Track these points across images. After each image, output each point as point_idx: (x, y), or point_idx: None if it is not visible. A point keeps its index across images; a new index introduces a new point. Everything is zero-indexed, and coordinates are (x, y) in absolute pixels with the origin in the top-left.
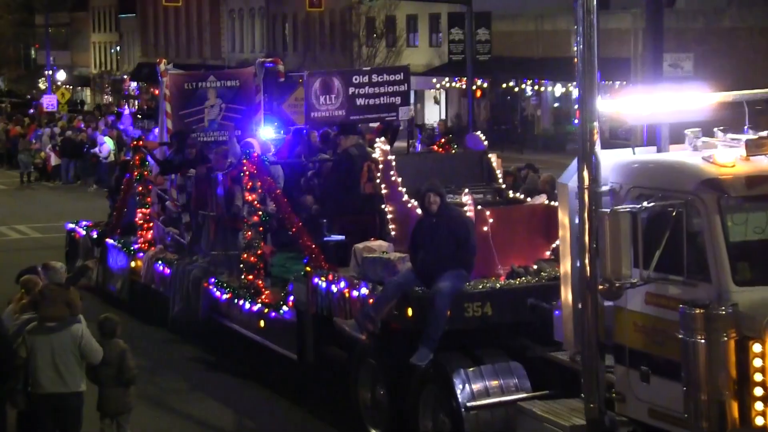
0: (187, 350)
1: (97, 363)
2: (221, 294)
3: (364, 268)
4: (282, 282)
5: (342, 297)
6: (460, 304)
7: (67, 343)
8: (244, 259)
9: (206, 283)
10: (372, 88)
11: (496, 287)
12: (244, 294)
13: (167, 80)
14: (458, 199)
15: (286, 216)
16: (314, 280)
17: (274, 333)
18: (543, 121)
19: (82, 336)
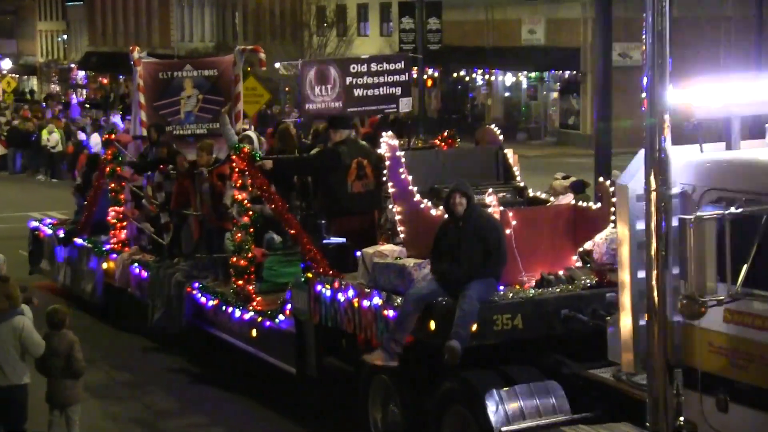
0: (170, 361)
1: (38, 356)
2: (207, 300)
3: (376, 275)
4: (274, 287)
5: (350, 307)
6: (489, 316)
7: (7, 335)
8: (233, 262)
9: (190, 288)
10: (371, 77)
11: (527, 297)
12: (233, 300)
13: (141, 69)
14: (481, 199)
15: (283, 217)
16: (317, 288)
17: (268, 343)
18: (494, 110)
19: (23, 328)
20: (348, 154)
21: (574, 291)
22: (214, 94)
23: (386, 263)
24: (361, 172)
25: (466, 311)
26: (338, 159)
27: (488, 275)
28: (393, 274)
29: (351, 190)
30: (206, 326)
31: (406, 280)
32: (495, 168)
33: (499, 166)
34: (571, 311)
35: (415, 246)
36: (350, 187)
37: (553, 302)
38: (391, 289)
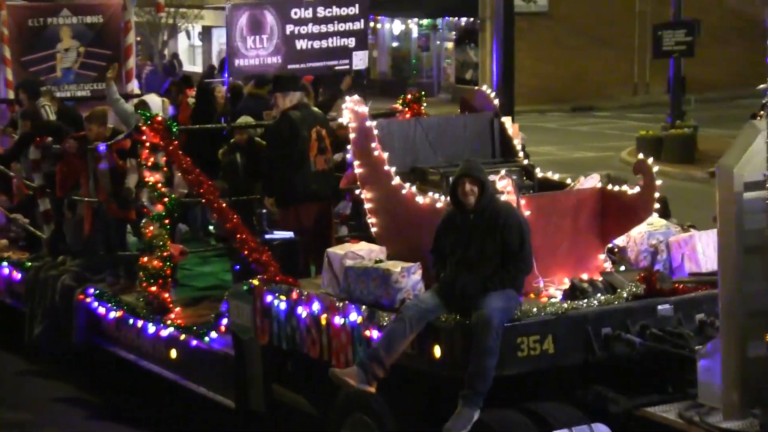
0: (56, 388)
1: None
2: (107, 311)
3: (350, 283)
4: (192, 294)
5: (315, 324)
6: (512, 339)
7: None
8: (143, 263)
9: (82, 295)
10: (318, 26)
11: (559, 313)
12: (143, 312)
13: (4, 14)
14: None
15: (215, 205)
16: (266, 299)
17: (194, 368)
18: (380, 64)
19: None
20: (304, 122)
21: (617, 303)
22: (99, 47)
23: (364, 268)
24: (321, 145)
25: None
26: (296, 129)
27: (508, 286)
28: (373, 282)
29: (315, 168)
30: (106, 344)
31: (391, 290)
32: (490, 141)
33: (495, 138)
34: (616, 330)
35: (391, 243)
36: (314, 164)
37: (592, 318)
38: (371, 301)
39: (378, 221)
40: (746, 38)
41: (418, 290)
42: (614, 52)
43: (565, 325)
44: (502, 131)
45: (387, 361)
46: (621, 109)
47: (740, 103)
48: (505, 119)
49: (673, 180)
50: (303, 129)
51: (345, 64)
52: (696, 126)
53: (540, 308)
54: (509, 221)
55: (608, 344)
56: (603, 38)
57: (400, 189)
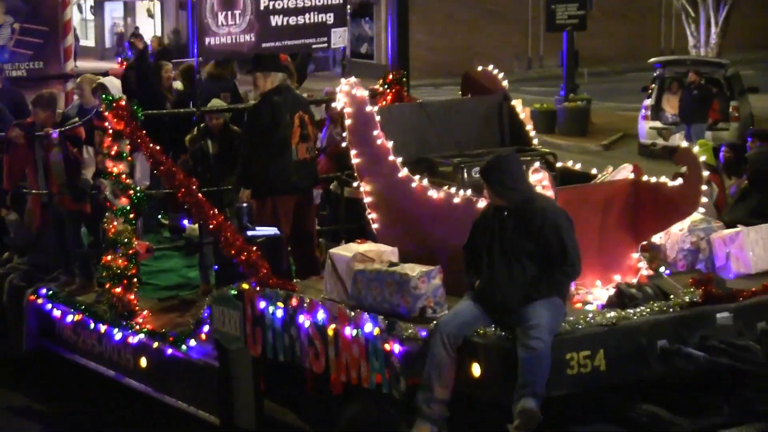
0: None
1: None
2: (63, 313)
3: (360, 289)
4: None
5: (320, 335)
6: (561, 355)
7: None
8: (106, 262)
9: (33, 296)
10: (294, 0)
11: (611, 324)
12: (107, 315)
13: None
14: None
15: (191, 197)
16: (259, 305)
17: (168, 379)
18: None
19: None
20: (286, 106)
21: (672, 311)
22: (35, 23)
23: (376, 272)
24: (304, 132)
25: (535, 352)
26: (278, 113)
27: (553, 294)
28: (388, 288)
29: (297, 157)
30: (61, 350)
31: (410, 297)
32: (499, 126)
33: (504, 123)
34: (673, 342)
35: (397, 242)
36: (295, 153)
37: (646, 330)
38: (386, 309)
39: (380, 217)
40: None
41: (438, 297)
42: (508, 26)
43: (617, 337)
44: (512, 115)
45: (447, 395)
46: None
47: (631, 76)
48: (516, 102)
49: (568, 153)
50: (285, 114)
51: (323, 42)
52: (589, 99)
53: (588, 320)
54: (548, 219)
55: (665, 359)
56: (496, 12)
57: (408, 182)
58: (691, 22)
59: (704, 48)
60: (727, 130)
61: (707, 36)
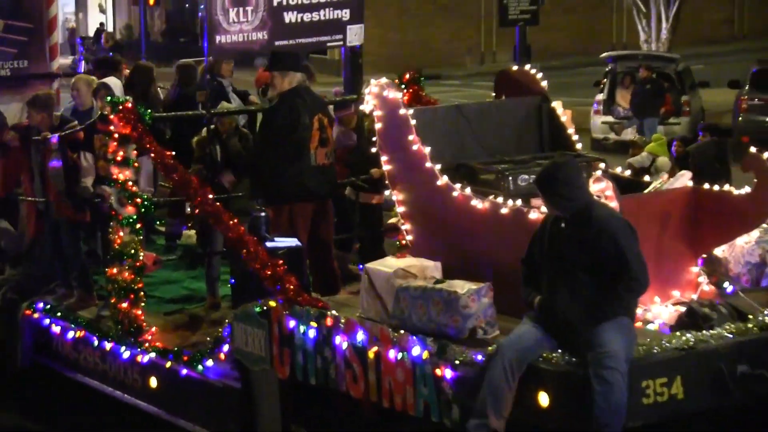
0: None
1: None
2: (64, 330)
3: (403, 307)
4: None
5: (359, 358)
6: (637, 382)
7: None
8: (111, 275)
9: (29, 310)
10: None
11: (688, 347)
12: (111, 331)
13: None
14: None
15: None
16: (288, 324)
17: (181, 401)
18: None
19: None
20: (305, 108)
21: (753, 333)
22: (19, 20)
23: (422, 289)
24: (323, 135)
25: (611, 387)
26: (296, 115)
27: (620, 313)
28: (435, 307)
29: (315, 162)
30: (60, 367)
31: (459, 317)
32: (538, 129)
33: (543, 126)
34: (755, 367)
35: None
36: (313, 158)
37: (726, 353)
38: (432, 330)
39: (416, 228)
40: (588, 7)
41: (489, 316)
42: (461, 21)
43: (694, 362)
44: (552, 118)
45: (502, 426)
46: (468, 77)
47: (583, 71)
48: (556, 104)
49: None
50: (304, 115)
51: (338, 40)
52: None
53: (662, 343)
54: (608, 230)
55: (746, 385)
56: (449, 6)
57: (448, 191)
58: (642, 18)
59: (655, 43)
60: (678, 124)
61: (658, 31)
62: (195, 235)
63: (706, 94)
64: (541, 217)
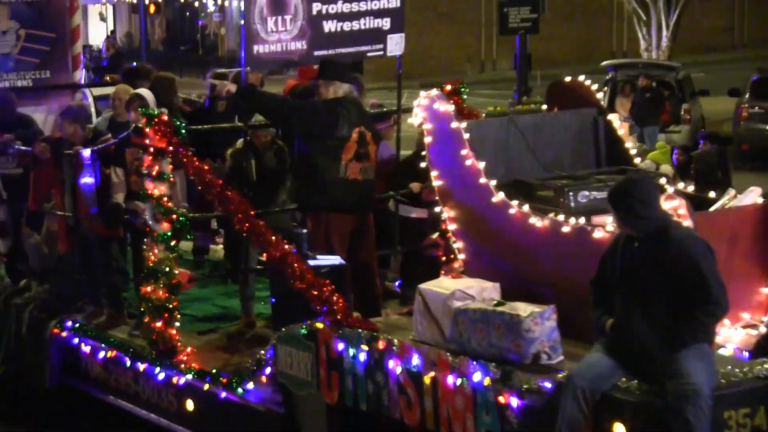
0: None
1: None
2: (95, 350)
3: (461, 331)
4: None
5: (414, 384)
6: (718, 414)
7: None
8: (145, 293)
9: (57, 329)
10: (348, 3)
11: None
12: (144, 352)
13: None
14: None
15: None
16: (337, 347)
17: (220, 425)
18: (228, 41)
19: None
20: (347, 119)
21: None
22: (41, 29)
23: (481, 312)
24: (361, 150)
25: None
26: (334, 121)
27: (701, 340)
28: (496, 330)
29: (344, 175)
30: (90, 388)
31: (522, 342)
32: (594, 144)
33: (600, 140)
34: None
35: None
36: (344, 170)
37: None
38: (493, 355)
39: (468, 247)
40: (589, 15)
41: (553, 340)
42: (461, 29)
43: None
44: (608, 132)
45: None
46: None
47: None
48: (612, 116)
49: None
50: (343, 125)
51: (378, 50)
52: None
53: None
54: (686, 250)
55: None
56: (450, 14)
57: (504, 208)
58: (642, 26)
59: (656, 51)
60: (678, 132)
61: (658, 39)
62: (222, 249)
63: (706, 103)
64: (607, 236)
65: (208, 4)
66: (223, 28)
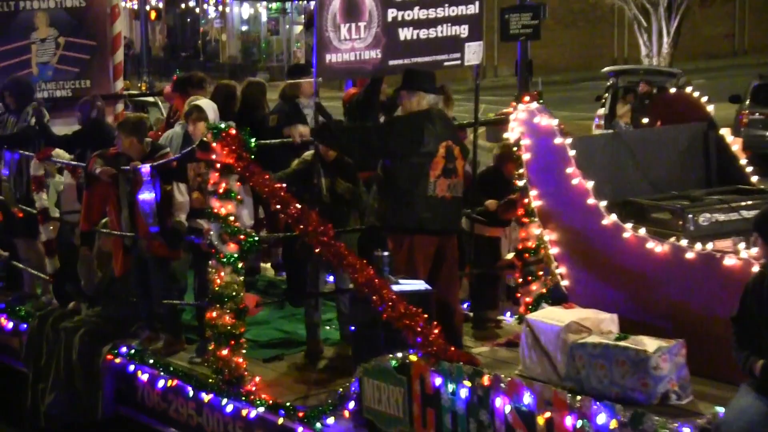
0: None
1: None
2: (153, 378)
3: (579, 366)
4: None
5: (526, 424)
6: None
7: None
8: (210, 319)
9: (111, 355)
10: (425, 10)
11: None
12: (208, 381)
13: None
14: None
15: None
16: (434, 382)
17: None
18: (229, 46)
19: None
20: (432, 133)
21: None
22: (81, 37)
23: (603, 346)
24: (449, 165)
25: None
26: (419, 136)
27: None
28: (619, 367)
29: (433, 192)
30: (147, 419)
31: (650, 380)
32: (705, 160)
33: (711, 156)
34: None
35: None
36: (432, 187)
37: None
38: (616, 394)
39: (573, 273)
40: (590, 22)
41: (683, 379)
42: None
43: None
44: (720, 148)
45: None
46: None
47: (585, 85)
48: (724, 131)
49: None
50: (429, 140)
51: (456, 59)
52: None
53: None
54: None
55: None
56: None
57: (618, 231)
58: (643, 32)
59: (657, 57)
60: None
61: (659, 45)
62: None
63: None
64: (739, 264)
65: (209, 10)
66: (224, 34)
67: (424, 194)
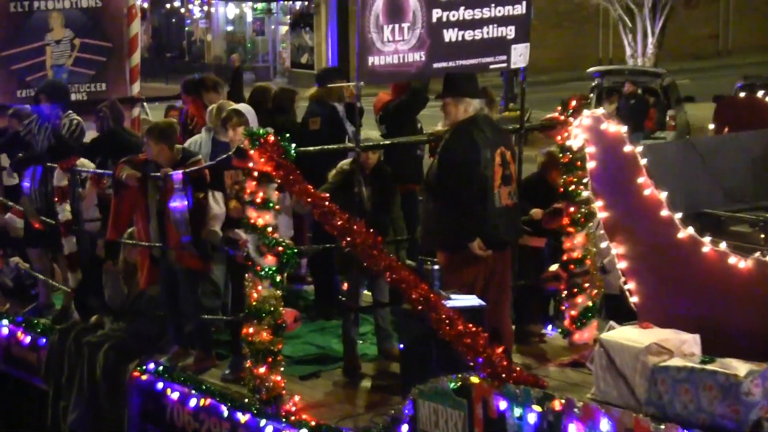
0: None
1: None
2: (183, 397)
3: (662, 392)
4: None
5: None
6: None
7: None
8: (248, 335)
9: (137, 371)
10: (471, 10)
11: None
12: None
13: None
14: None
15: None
16: (499, 405)
17: None
18: (214, 47)
19: None
20: (486, 141)
21: None
22: (97, 38)
23: (688, 370)
24: (506, 172)
25: None
26: (476, 149)
27: None
28: (707, 392)
29: (500, 203)
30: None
31: (741, 407)
32: None
33: None
34: None
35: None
36: (498, 198)
37: None
38: (702, 422)
39: (644, 289)
40: (575, 22)
41: None
42: None
43: None
44: None
45: None
46: None
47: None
48: None
49: None
50: (486, 150)
51: (502, 62)
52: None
53: None
54: None
55: None
56: None
57: (695, 245)
58: (628, 32)
59: (641, 57)
60: (664, 139)
61: (644, 46)
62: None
63: (691, 109)
64: None
65: (194, 11)
66: (209, 34)
67: (494, 206)
